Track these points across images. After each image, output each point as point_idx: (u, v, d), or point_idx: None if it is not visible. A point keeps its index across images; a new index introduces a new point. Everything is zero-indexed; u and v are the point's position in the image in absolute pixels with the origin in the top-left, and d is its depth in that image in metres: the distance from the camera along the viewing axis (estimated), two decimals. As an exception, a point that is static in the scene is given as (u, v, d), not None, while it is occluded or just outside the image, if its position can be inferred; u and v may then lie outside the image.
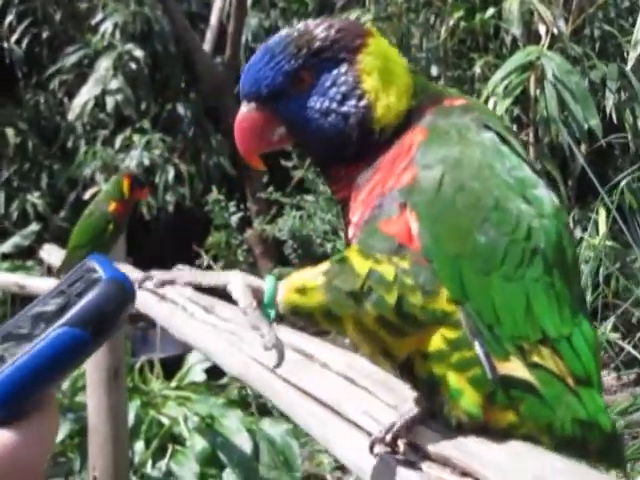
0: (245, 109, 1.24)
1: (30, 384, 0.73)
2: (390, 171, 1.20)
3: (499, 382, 1.11)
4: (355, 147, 1.23)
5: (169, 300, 2.55)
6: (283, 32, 1.24)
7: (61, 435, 5.20)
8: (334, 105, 1.21)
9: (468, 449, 1.01)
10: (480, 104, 1.31)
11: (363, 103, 1.21)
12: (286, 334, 1.73)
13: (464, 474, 0.99)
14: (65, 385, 5.88)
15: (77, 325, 0.74)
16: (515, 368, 1.12)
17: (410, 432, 1.12)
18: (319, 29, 1.22)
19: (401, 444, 1.12)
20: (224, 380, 6.03)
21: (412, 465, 1.08)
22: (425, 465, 1.06)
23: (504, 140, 1.21)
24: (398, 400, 1.20)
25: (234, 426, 5.24)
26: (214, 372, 5.58)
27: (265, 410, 5.52)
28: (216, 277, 1.28)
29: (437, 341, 1.13)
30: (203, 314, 2.19)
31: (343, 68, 1.20)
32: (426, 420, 1.12)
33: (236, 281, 1.21)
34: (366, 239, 1.19)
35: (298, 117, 1.22)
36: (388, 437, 1.14)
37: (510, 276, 1.14)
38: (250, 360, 1.73)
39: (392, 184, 1.18)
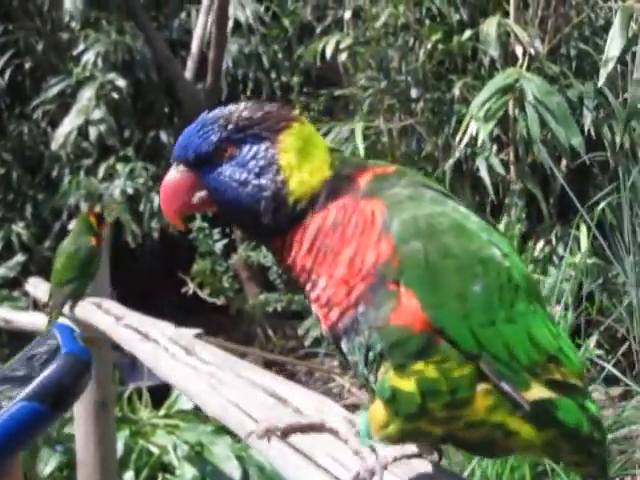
0: (173, 171, 1.35)
1: None
2: (361, 243, 1.27)
3: (531, 409, 1.25)
4: (274, 218, 1.32)
5: (152, 339, 2.59)
6: (219, 109, 1.36)
7: (50, 468, 5.19)
8: (251, 177, 1.31)
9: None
10: (407, 169, 1.42)
11: (279, 178, 1.31)
12: (261, 378, 1.77)
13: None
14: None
15: (36, 399, 0.78)
16: (538, 391, 1.26)
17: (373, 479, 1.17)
18: (249, 109, 1.33)
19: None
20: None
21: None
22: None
23: (445, 195, 1.35)
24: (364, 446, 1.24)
25: (223, 453, 5.24)
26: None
27: (254, 437, 5.51)
28: (318, 416, 1.36)
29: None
30: (184, 355, 2.23)
31: (264, 145, 1.31)
32: (387, 467, 1.17)
33: (335, 416, 1.26)
34: (392, 350, 1.23)
35: (219, 184, 1.32)
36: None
37: (510, 317, 1.26)
38: (228, 403, 1.77)
39: (373, 259, 1.25)
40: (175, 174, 1.35)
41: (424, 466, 1.16)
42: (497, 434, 1.25)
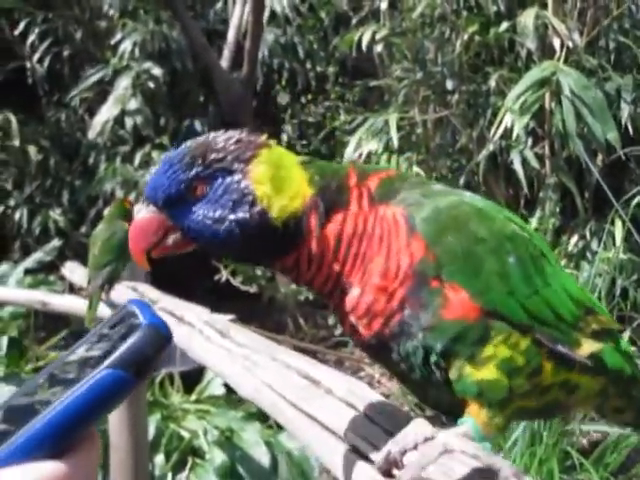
0: (143, 212, 1.33)
1: (78, 422, 0.80)
2: (391, 248, 1.29)
3: (588, 363, 1.32)
4: (267, 245, 1.32)
5: (187, 322, 2.63)
6: (186, 143, 1.33)
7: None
8: (226, 212, 1.29)
9: (455, 474, 1.08)
10: (405, 173, 1.47)
11: (256, 209, 1.29)
12: (295, 360, 1.80)
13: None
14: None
15: (120, 367, 0.81)
16: (588, 346, 1.33)
17: (404, 457, 1.20)
18: (216, 141, 1.31)
19: (396, 469, 1.19)
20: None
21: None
22: (418, 489, 1.12)
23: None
24: (394, 425, 1.27)
25: (253, 439, 5.29)
26: (233, 386, 5.64)
27: (283, 424, 5.57)
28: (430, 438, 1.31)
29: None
30: (219, 338, 2.27)
31: (235, 177, 1.28)
32: (417, 448, 1.20)
33: (448, 434, 1.22)
34: (455, 345, 1.25)
35: (194, 223, 1.30)
36: (386, 462, 1.22)
37: (546, 282, 1.32)
38: (262, 385, 1.81)
39: (408, 261, 1.27)
40: (144, 214, 1.33)
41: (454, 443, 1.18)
42: (561, 394, 1.31)
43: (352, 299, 1.30)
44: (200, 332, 2.41)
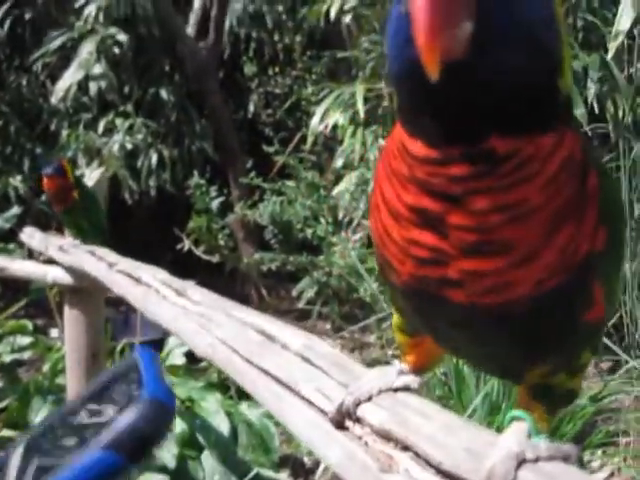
0: None
1: None
2: (578, 221, 0.96)
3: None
4: (544, 90, 0.92)
5: (144, 283, 2.60)
6: None
7: (41, 417, 5.23)
8: (533, 14, 0.88)
9: (408, 424, 1.06)
10: None
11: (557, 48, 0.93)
12: (250, 317, 1.78)
13: (405, 448, 1.04)
14: (45, 367, 5.92)
15: (112, 449, 0.72)
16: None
17: (357, 409, 1.18)
18: None
19: (349, 420, 1.18)
20: (204, 364, 6.08)
21: (359, 439, 1.14)
22: (370, 439, 1.11)
23: None
24: (349, 379, 1.25)
25: (213, 408, 5.28)
26: (194, 356, 5.62)
27: (244, 393, 5.57)
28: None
29: None
30: (175, 297, 2.24)
31: None
32: (372, 398, 1.18)
33: (510, 440, 0.98)
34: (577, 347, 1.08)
35: (501, 19, 0.86)
36: (338, 414, 1.20)
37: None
38: (217, 341, 1.78)
39: (586, 248, 0.97)
40: None
41: (409, 398, 1.17)
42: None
43: (494, 248, 0.94)
44: (156, 291, 2.37)
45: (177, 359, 5.97)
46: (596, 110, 6.03)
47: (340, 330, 6.69)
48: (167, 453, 5.01)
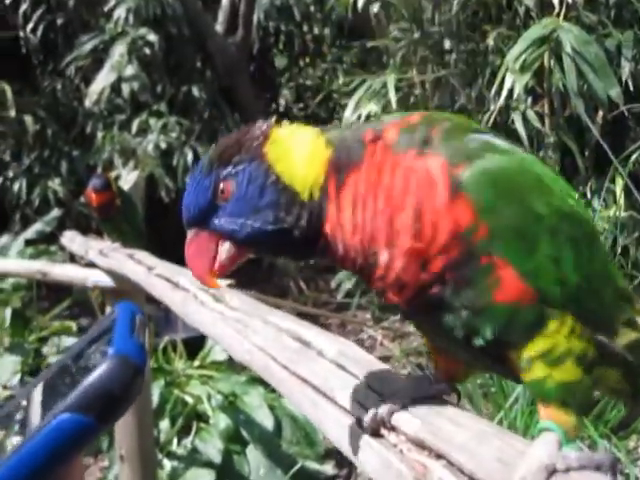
0: (189, 237, 1.27)
1: (35, 474, 0.72)
2: (421, 206, 1.13)
3: (628, 357, 1.21)
4: (301, 224, 1.22)
5: (182, 288, 2.64)
6: (202, 159, 1.30)
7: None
8: (257, 201, 1.22)
9: (442, 433, 1.07)
10: (432, 113, 1.28)
11: (281, 186, 1.22)
12: (287, 323, 1.81)
13: (438, 456, 1.06)
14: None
15: (79, 410, 0.71)
16: (625, 336, 1.21)
17: (392, 417, 1.20)
18: (226, 140, 1.27)
19: (384, 428, 1.20)
20: (242, 362, 6.13)
21: (394, 447, 1.16)
22: (405, 447, 1.13)
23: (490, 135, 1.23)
24: (383, 386, 1.26)
25: (256, 403, 5.34)
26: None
27: (286, 387, 5.61)
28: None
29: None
30: (212, 302, 2.27)
31: (254, 164, 1.23)
32: (407, 408, 1.20)
33: (539, 449, 1.02)
34: (508, 331, 1.13)
35: (234, 226, 1.24)
36: (373, 422, 1.22)
37: (596, 267, 1.20)
38: (254, 348, 1.81)
39: (450, 227, 1.11)
40: (191, 239, 1.26)
41: (443, 406, 1.18)
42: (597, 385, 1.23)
43: (381, 266, 1.15)
44: (194, 297, 2.42)
45: (219, 355, 6.03)
46: (631, 88, 5.92)
47: (380, 321, 6.70)
48: (212, 448, 5.09)
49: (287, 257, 1.45)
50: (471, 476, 0.97)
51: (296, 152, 1.23)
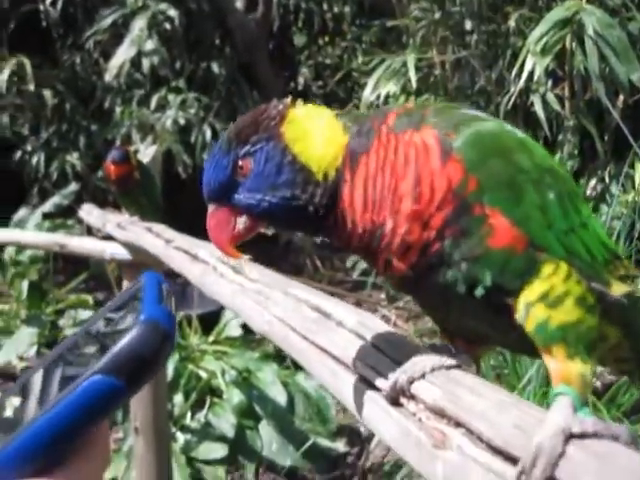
0: (210, 211, 1.35)
1: (64, 434, 0.73)
2: (420, 171, 1.23)
3: (624, 301, 1.27)
4: (315, 202, 1.30)
5: (201, 260, 2.66)
6: (222, 136, 1.36)
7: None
8: (275, 179, 1.29)
9: (461, 402, 1.09)
10: (425, 101, 1.39)
11: (297, 166, 1.29)
12: (306, 294, 1.82)
13: (457, 424, 1.07)
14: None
15: (110, 373, 0.72)
16: (618, 288, 1.28)
17: (411, 386, 1.21)
18: (244, 118, 1.34)
19: (403, 397, 1.21)
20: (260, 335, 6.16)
21: (413, 416, 1.17)
22: (424, 416, 1.14)
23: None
24: (402, 356, 1.28)
25: (269, 379, 5.38)
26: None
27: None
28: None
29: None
30: (232, 274, 2.29)
31: (272, 143, 1.29)
32: (426, 376, 1.21)
33: (556, 415, 1.03)
34: (505, 276, 1.20)
35: (252, 201, 1.31)
36: (393, 391, 1.23)
37: (582, 221, 1.28)
38: (274, 318, 1.83)
39: (444, 185, 1.21)
40: (212, 213, 1.35)
41: (462, 376, 1.19)
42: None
43: (386, 236, 1.25)
44: (214, 269, 2.43)
45: (234, 331, 6.08)
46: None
47: (395, 300, 6.71)
48: (225, 423, 5.14)
49: (300, 231, 1.55)
50: (489, 442, 0.98)
51: (314, 135, 1.30)
